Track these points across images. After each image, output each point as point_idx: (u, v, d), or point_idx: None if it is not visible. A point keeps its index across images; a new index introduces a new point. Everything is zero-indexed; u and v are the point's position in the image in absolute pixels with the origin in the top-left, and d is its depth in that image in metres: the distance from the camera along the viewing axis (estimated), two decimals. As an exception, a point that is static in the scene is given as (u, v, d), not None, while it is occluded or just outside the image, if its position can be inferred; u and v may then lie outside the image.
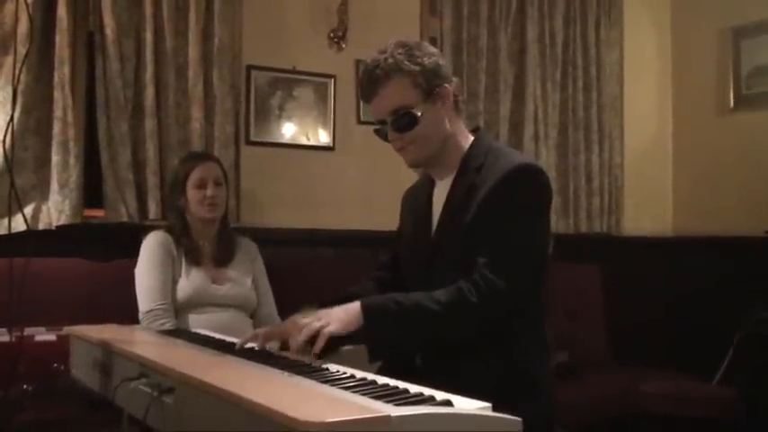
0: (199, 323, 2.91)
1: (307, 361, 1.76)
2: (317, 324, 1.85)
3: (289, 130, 4.05)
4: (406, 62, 2.01)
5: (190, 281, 3.04)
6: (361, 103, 4.18)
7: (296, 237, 3.94)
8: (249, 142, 3.93)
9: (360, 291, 2.26)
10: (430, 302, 1.90)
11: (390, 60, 2.01)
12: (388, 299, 1.94)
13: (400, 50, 2.03)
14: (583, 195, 4.76)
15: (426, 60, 2.04)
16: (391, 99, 2.02)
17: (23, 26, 3.28)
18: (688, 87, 5.18)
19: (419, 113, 2.02)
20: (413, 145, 2.06)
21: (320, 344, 1.81)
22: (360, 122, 4.21)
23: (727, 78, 4.90)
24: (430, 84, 2.03)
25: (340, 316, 1.88)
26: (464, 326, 1.93)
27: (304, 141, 4.10)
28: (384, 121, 2.06)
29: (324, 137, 4.14)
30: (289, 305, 2.25)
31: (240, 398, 1.25)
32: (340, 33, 4.14)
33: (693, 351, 4.54)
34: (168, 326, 2.88)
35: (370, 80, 2.03)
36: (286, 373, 1.56)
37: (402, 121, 2.03)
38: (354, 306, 1.90)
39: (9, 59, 3.30)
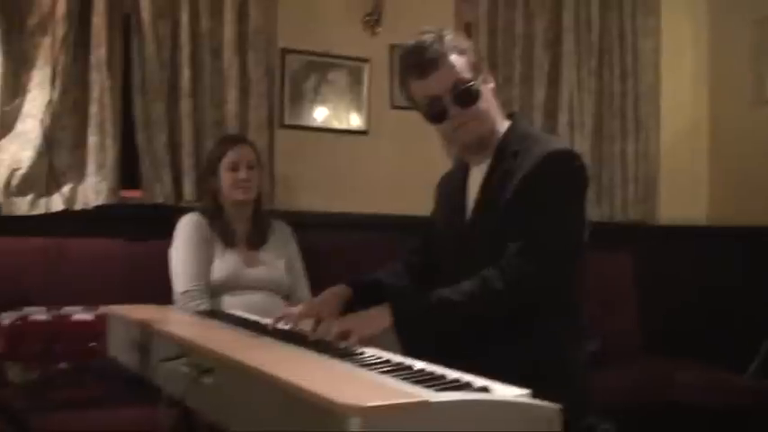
0: (233, 305, 2.93)
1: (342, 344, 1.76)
2: (349, 326, 1.85)
3: (322, 114, 4.05)
4: (461, 41, 2.06)
5: (224, 263, 3.06)
6: (395, 88, 4.17)
7: (329, 220, 3.95)
8: (283, 125, 3.94)
9: (390, 276, 2.28)
10: (455, 295, 1.90)
11: (448, 37, 2.03)
12: (414, 299, 1.98)
13: (447, 31, 2.05)
14: (618, 183, 4.72)
15: (470, 43, 2.09)
16: (452, 73, 2.01)
17: (61, 8, 3.31)
18: (724, 76, 5.11)
19: (479, 88, 2.03)
20: (474, 121, 2.05)
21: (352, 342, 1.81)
22: (393, 107, 4.20)
23: (764, 67, 4.82)
24: (480, 63, 2.07)
25: (371, 321, 1.89)
26: (491, 313, 1.93)
27: (337, 125, 4.10)
28: (438, 98, 2.04)
29: (357, 121, 4.14)
30: (321, 288, 2.25)
31: (280, 380, 1.25)
32: (375, 17, 4.13)
33: (726, 342, 4.49)
34: (203, 307, 2.90)
35: (427, 55, 2.02)
36: (324, 357, 1.56)
37: (466, 95, 2.02)
38: (384, 311, 1.90)
39: (47, 41, 3.34)
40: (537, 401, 1.27)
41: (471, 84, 2.02)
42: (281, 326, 2.01)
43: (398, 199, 4.12)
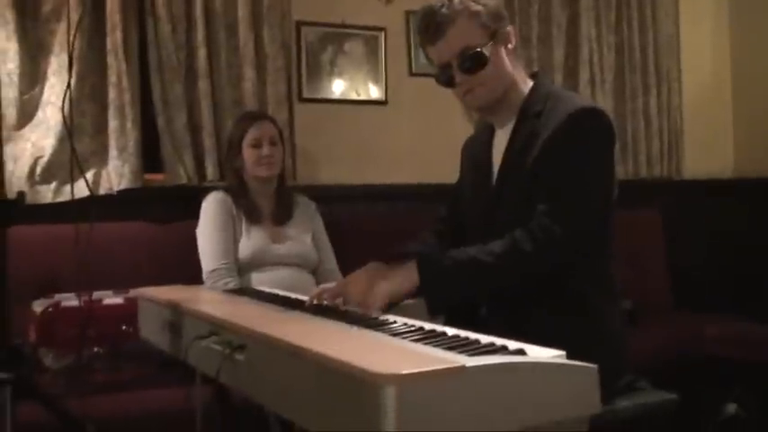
0: (261, 281, 2.93)
1: (373, 315, 1.76)
2: (375, 281, 1.86)
3: (341, 86, 4.03)
4: (472, 2, 1.99)
5: (250, 240, 3.06)
6: (413, 56, 4.14)
7: (351, 192, 3.94)
8: (302, 99, 3.93)
9: (418, 246, 2.25)
10: (484, 255, 1.88)
11: (456, 0, 1.98)
12: (442, 256, 1.93)
13: None
14: (642, 139, 4.67)
15: (489, 1, 2.02)
16: (459, 39, 1.98)
17: (75, -7, 3.30)
18: (746, 25, 5.02)
19: (487, 53, 1.99)
20: (482, 87, 2.02)
21: (379, 304, 1.81)
22: (412, 75, 4.17)
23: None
24: (495, 24, 2.01)
25: (397, 277, 1.89)
26: (521, 274, 1.91)
27: (356, 97, 4.08)
28: (448, 65, 2.02)
29: (376, 91, 4.11)
30: (348, 261, 2.25)
31: (313, 353, 1.25)
32: (389, -15, 4.09)
33: (756, 294, 4.46)
34: (232, 285, 2.91)
35: (435, 21, 1.99)
36: (355, 328, 1.56)
37: (471, 62, 1.99)
38: (410, 266, 1.89)
39: (62, 26, 3.33)
40: (573, 362, 1.26)
41: (478, 49, 1.99)
42: (316, 302, 2.00)
43: (421, 168, 4.11)
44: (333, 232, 3.36)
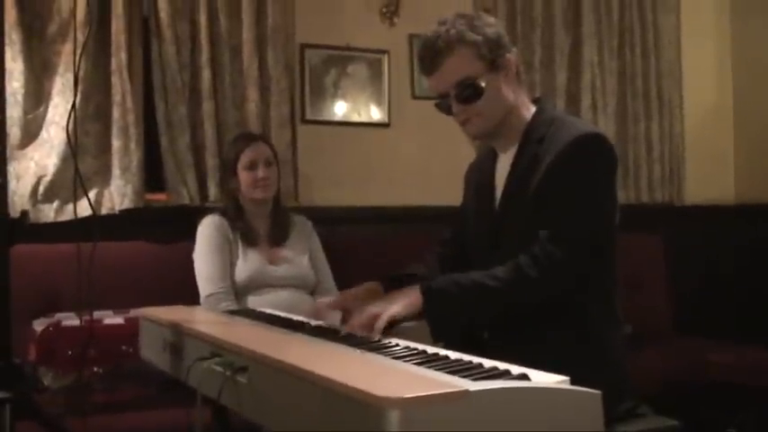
0: (259, 304, 2.92)
1: (375, 337, 1.75)
2: (377, 309, 1.85)
3: (344, 108, 4.04)
4: (469, 32, 1.98)
5: (247, 263, 3.06)
6: (416, 78, 4.15)
7: (354, 214, 3.94)
8: (305, 121, 3.94)
9: (421, 268, 2.26)
10: (489, 280, 1.88)
11: (453, 31, 1.98)
12: (447, 280, 1.94)
13: (461, 21, 2.00)
14: (643, 164, 4.67)
15: (488, 30, 2.02)
16: (455, 71, 1.99)
17: (80, 14, 3.32)
18: (748, 51, 5.04)
19: (483, 84, 1.99)
20: (478, 117, 2.03)
21: (381, 324, 1.80)
22: (414, 98, 4.19)
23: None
24: (493, 54, 2.01)
25: (401, 300, 1.88)
26: (525, 300, 1.91)
27: (359, 119, 4.09)
28: (447, 94, 2.03)
29: (379, 113, 4.12)
30: (350, 283, 2.25)
31: (316, 375, 1.24)
32: (392, 8, 4.11)
33: (758, 321, 4.45)
34: (230, 308, 2.90)
35: (432, 52, 2.00)
36: (358, 351, 1.55)
37: (467, 93, 2.00)
38: (414, 290, 1.89)
39: (68, 47, 3.35)
40: (577, 388, 1.26)
41: (473, 81, 1.99)
42: (314, 322, 2.00)
43: (423, 190, 4.11)
44: (335, 254, 3.36)
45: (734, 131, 5.11)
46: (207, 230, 3.10)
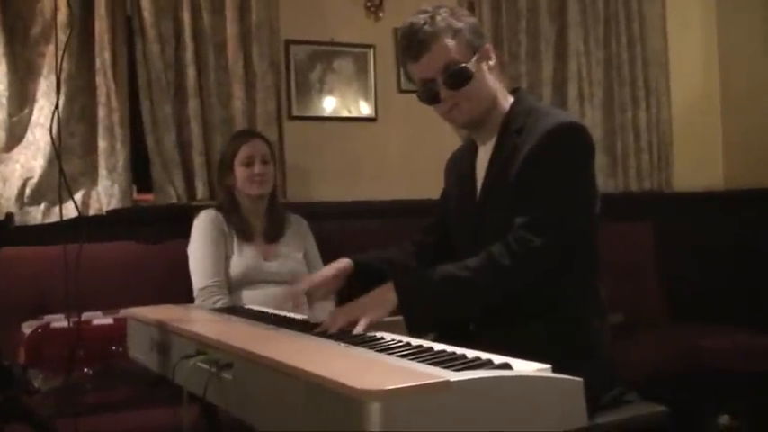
0: (252, 299, 2.94)
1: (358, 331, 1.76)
2: (356, 314, 1.84)
3: (330, 104, 4.03)
4: (453, 20, 2.00)
5: (242, 258, 3.07)
6: (402, 73, 4.14)
7: (342, 209, 3.94)
8: (291, 117, 3.93)
9: (397, 253, 2.28)
10: (460, 271, 1.89)
11: (438, 17, 1.99)
12: (419, 274, 1.96)
13: (443, 10, 2.02)
14: (631, 153, 4.68)
15: (469, 19, 2.05)
16: (443, 55, 1.99)
17: (62, 15, 3.30)
18: (734, 37, 5.04)
19: (472, 69, 2.00)
20: (467, 102, 2.03)
21: (359, 330, 1.79)
22: (401, 91, 4.18)
23: (775, 26, 4.77)
24: (476, 41, 2.03)
25: (376, 303, 1.87)
26: (500, 289, 1.91)
27: (346, 114, 4.08)
28: (432, 81, 2.02)
29: (365, 108, 4.12)
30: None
31: (298, 370, 1.25)
32: (377, 2, 4.11)
33: (750, 305, 4.46)
34: (222, 302, 2.91)
35: (418, 38, 1.99)
36: (341, 344, 1.56)
37: (456, 77, 2.00)
38: (388, 289, 1.88)
39: (50, 48, 3.34)
40: (559, 375, 1.26)
41: (463, 65, 2.00)
42: (299, 316, 2.00)
43: (411, 184, 4.11)
44: (323, 249, 3.35)
45: (721, 117, 5.12)
46: (202, 224, 3.11)
